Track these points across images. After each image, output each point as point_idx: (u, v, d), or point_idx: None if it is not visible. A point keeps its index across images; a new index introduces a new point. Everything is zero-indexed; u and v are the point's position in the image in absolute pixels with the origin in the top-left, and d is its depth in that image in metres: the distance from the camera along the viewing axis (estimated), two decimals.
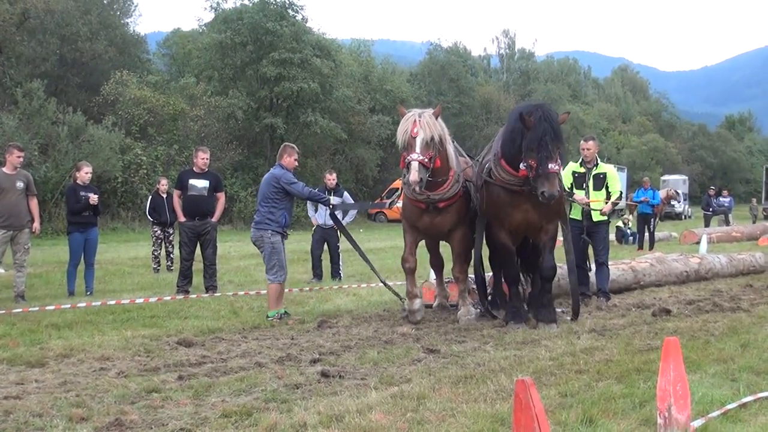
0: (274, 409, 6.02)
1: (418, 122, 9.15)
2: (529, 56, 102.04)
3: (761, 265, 16.48)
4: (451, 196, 9.70)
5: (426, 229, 10.13)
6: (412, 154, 9.02)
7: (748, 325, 9.77)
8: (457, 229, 10.08)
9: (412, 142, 9.09)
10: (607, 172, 11.78)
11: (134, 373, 7.29)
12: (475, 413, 5.75)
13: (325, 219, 14.97)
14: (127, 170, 38.49)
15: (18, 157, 12.61)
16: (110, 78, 41.88)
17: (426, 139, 9.08)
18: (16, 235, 12.41)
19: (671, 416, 5.11)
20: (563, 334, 9.24)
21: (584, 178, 11.75)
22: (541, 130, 8.86)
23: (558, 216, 10.03)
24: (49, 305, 11.54)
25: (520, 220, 9.64)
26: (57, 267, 17.08)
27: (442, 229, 10.06)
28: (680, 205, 55.65)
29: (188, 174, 13.63)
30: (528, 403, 4.08)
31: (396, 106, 15.33)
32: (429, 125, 9.15)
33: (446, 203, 9.73)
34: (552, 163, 8.75)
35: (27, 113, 36.00)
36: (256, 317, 10.60)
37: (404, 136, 9.24)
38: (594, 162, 11.84)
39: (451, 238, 10.20)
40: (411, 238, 10.28)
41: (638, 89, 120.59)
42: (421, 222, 10.00)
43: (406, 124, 9.26)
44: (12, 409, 6.01)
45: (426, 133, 9.09)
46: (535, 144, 8.86)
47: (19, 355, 8.02)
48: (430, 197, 9.59)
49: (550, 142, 8.81)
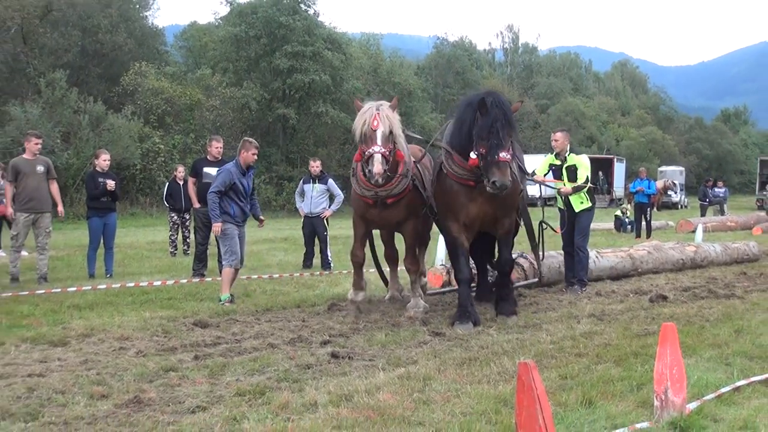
0: (286, 388, 6.03)
1: (377, 115, 8.80)
2: (532, 50, 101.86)
3: (755, 254, 16.44)
4: (398, 192, 9.27)
5: (375, 221, 9.78)
6: (374, 147, 8.64)
7: (741, 312, 9.75)
8: (408, 222, 9.65)
9: (372, 135, 8.71)
10: (576, 163, 11.68)
11: (152, 353, 7.31)
12: (479, 394, 5.76)
13: (311, 208, 14.93)
14: (146, 158, 38.61)
15: (36, 144, 12.66)
16: (129, 69, 42.01)
17: (385, 132, 8.76)
18: (37, 219, 12.46)
19: (668, 398, 5.11)
20: (563, 319, 9.22)
21: (560, 170, 11.70)
22: (492, 116, 8.32)
23: (514, 208, 9.64)
24: (70, 287, 11.58)
25: (475, 214, 9.08)
26: (78, 250, 17.12)
27: (391, 222, 9.69)
28: (677, 195, 55.57)
29: (203, 162, 13.64)
30: (530, 385, 4.07)
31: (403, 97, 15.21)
32: (388, 118, 8.84)
33: (394, 199, 9.32)
34: (503, 151, 8.15)
35: (50, 102, 36.12)
36: (268, 300, 10.61)
37: (364, 128, 8.82)
38: (566, 153, 11.70)
39: (402, 230, 9.80)
40: (361, 231, 9.91)
41: (637, 83, 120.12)
42: (370, 214, 9.61)
43: (365, 117, 8.87)
44: (36, 386, 6.03)
45: (386, 126, 8.77)
46: (485, 131, 8.33)
47: (43, 334, 8.05)
48: (378, 193, 9.19)
49: (501, 130, 8.23)
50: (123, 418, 5.28)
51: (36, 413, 5.35)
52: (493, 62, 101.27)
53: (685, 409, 5.18)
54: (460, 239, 9.23)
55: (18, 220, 12.38)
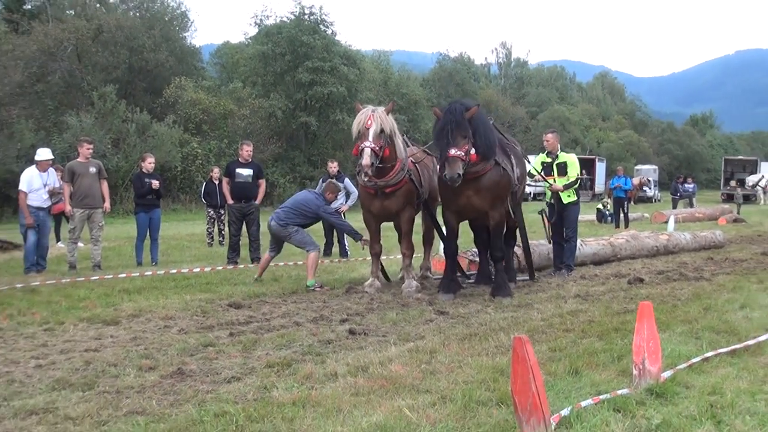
0: (310, 360, 6.04)
1: (371, 116, 9.02)
2: (523, 64, 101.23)
3: (720, 241, 16.36)
4: (396, 182, 9.55)
5: (378, 212, 9.93)
6: (365, 142, 8.88)
7: (709, 292, 9.71)
8: (404, 211, 9.87)
9: (365, 132, 8.94)
10: (566, 160, 11.65)
11: (193, 330, 7.34)
12: (479, 365, 5.75)
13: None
14: (185, 160, 38.71)
15: (88, 149, 12.73)
16: (171, 83, 42.02)
17: (377, 130, 8.94)
18: (91, 214, 12.51)
19: (645, 368, 5.10)
20: (552, 299, 9.21)
21: (551, 167, 11.68)
22: (443, 121, 8.71)
23: (502, 204, 9.69)
24: (121, 274, 11.61)
25: (463, 205, 9.34)
26: (127, 242, 17.15)
27: (391, 211, 9.86)
28: (651, 190, 55.41)
29: (235, 164, 13.67)
30: (524, 357, 4.07)
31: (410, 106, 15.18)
32: (381, 119, 9.02)
33: (392, 188, 9.58)
34: (453, 148, 8.48)
35: (101, 113, 36.29)
36: (293, 284, 10.61)
37: (359, 127, 9.09)
38: (556, 152, 11.70)
39: (400, 219, 9.99)
40: (373, 227, 10.18)
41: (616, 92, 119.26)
42: (374, 206, 9.84)
43: (361, 117, 9.12)
44: (91, 359, 6.08)
45: (377, 125, 8.95)
46: (438, 133, 8.78)
47: (97, 315, 8.09)
48: (378, 183, 9.49)
49: (450, 132, 8.54)
50: (168, 387, 5.31)
51: (92, 383, 5.39)
52: (488, 75, 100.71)
53: (660, 377, 5.17)
54: (451, 223, 9.68)
55: (74, 216, 12.41)
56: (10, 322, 7.76)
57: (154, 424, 4.48)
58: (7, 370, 5.82)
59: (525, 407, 4.09)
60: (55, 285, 10.45)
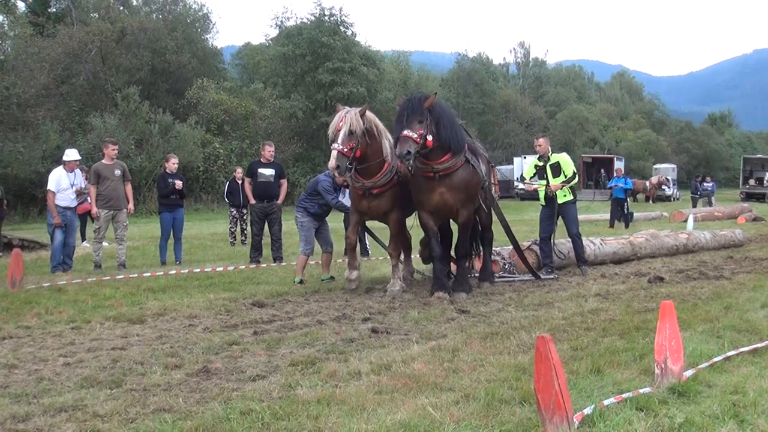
0: (334, 359, 6.04)
1: (344, 117, 8.99)
2: (541, 64, 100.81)
3: (740, 240, 16.25)
4: (382, 184, 9.49)
5: (366, 211, 9.92)
6: (333, 144, 8.90)
7: (730, 291, 9.64)
8: (392, 213, 9.80)
9: (336, 134, 8.93)
10: (559, 160, 11.66)
11: (217, 329, 7.36)
12: (501, 364, 5.74)
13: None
14: (207, 161, 38.94)
15: (113, 150, 12.83)
16: (193, 84, 42.26)
17: (346, 132, 8.88)
18: (116, 215, 12.61)
19: (667, 367, 5.07)
20: (573, 298, 9.17)
21: (544, 170, 11.70)
22: (401, 108, 8.88)
23: (472, 203, 9.70)
24: (145, 272, 11.70)
25: (436, 203, 9.30)
26: (151, 241, 17.28)
27: (378, 212, 9.82)
28: (670, 189, 55.02)
29: (257, 164, 13.71)
30: (547, 356, 4.06)
31: None
32: (352, 120, 8.95)
33: (379, 190, 9.53)
34: (406, 129, 8.60)
35: (125, 114, 36.59)
36: (316, 283, 10.64)
37: (332, 129, 9.10)
38: (548, 154, 11.71)
39: (388, 219, 9.93)
40: (354, 219, 10.15)
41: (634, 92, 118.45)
42: (361, 205, 9.82)
43: (334, 119, 9.13)
44: (118, 358, 6.11)
45: (347, 126, 8.90)
46: (395, 119, 8.94)
47: (123, 313, 8.14)
48: (365, 184, 9.47)
49: (406, 117, 8.66)
50: (194, 385, 5.33)
51: (119, 381, 5.41)
52: (507, 75, 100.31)
53: (682, 376, 5.14)
54: (429, 224, 9.56)
55: (100, 216, 12.51)
56: (38, 321, 7.82)
57: (181, 421, 4.50)
58: (36, 368, 5.86)
59: (548, 405, 4.08)
60: (81, 284, 10.52)
